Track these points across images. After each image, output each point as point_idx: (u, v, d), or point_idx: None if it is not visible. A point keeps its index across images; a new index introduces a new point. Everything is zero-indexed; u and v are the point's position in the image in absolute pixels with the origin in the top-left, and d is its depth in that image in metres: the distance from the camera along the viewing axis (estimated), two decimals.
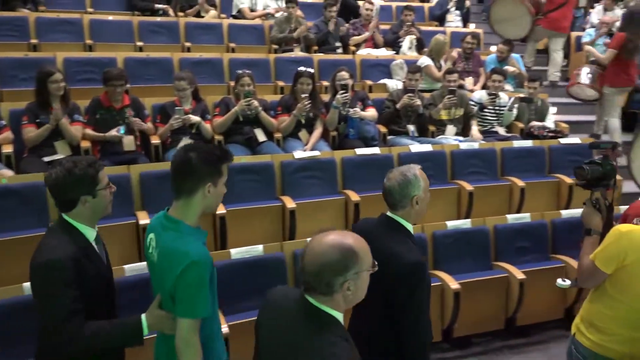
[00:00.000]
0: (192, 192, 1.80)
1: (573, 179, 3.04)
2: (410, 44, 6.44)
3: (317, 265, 1.39)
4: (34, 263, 1.76)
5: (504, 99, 5.23)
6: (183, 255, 1.70)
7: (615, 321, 2.04)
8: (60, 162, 1.84)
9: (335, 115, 4.57)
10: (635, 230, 2.00)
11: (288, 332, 1.45)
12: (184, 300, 1.71)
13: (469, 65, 5.95)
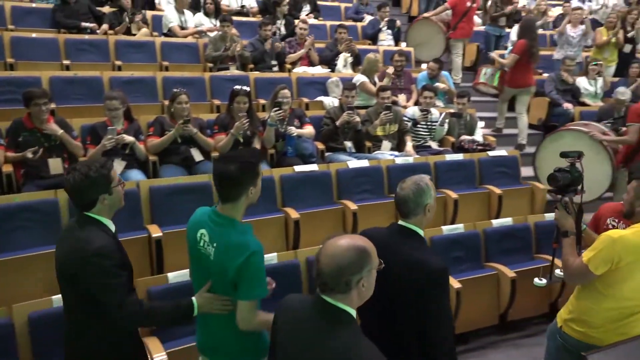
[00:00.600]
0: (238, 198, 2.02)
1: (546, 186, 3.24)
2: (345, 62, 6.59)
3: (335, 266, 1.52)
4: (81, 254, 1.94)
5: (435, 115, 5.44)
6: (244, 247, 1.94)
7: (601, 314, 2.29)
8: (74, 168, 2.04)
9: (272, 133, 4.57)
10: (626, 235, 2.23)
11: (307, 332, 1.57)
12: (245, 284, 1.94)
13: (401, 82, 6.15)
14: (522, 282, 3.75)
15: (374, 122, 5.07)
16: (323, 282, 1.54)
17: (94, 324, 2.03)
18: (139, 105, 4.88)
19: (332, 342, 1.49)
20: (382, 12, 7.56)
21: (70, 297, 2.08)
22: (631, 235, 2.24)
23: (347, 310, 1.55)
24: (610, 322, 2.28)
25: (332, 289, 1.54)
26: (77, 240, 1.99)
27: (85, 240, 1.96)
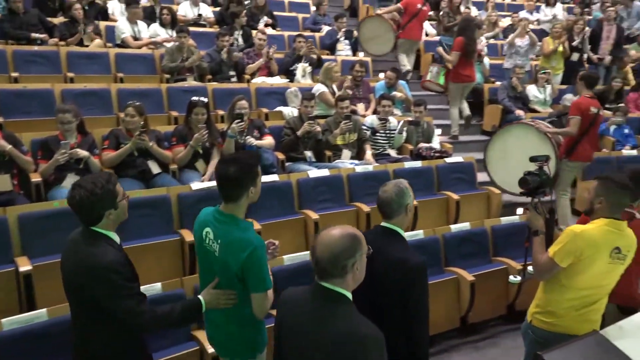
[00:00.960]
0: (239, 197, 2.17)
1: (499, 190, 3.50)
2: (304, 72, 6.62)
3: (332, 253, 1.69)
4: (92, 269, 1.99)
5: (393, 123, 5.53)
6: (247, 243, 2.09)
7: (565, 304, 2.51)
8: (79, 184, 2.05)
9: (232, 145, 4.54)
10: (588, 229, 2.45)
11: (311, 317, 1.73)
12: (254, 278, 2.10)
13: (360, 91, 6.23)
14: (480, 285, 3.86)
15: (333, 131, 5.11)
16: (322, 269, 1.71)
17: (99, 331, 2.09)
18: (93, 118, 4.75)
19: (335, 321, 1.67)
20: (340, 22, 7.66)
21: (77, 306, 2.14)
22: (592, 229, 2.45)
23: (344, 294, 1.72)
24: (574, 311, 2.49)
25: (330, 275, 1.71)
26: (87, 255, 2.03)
27: (96, 255, 2.02)
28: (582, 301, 2.49)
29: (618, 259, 2.45)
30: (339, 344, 1.63)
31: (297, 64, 6.61)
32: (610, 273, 2.48)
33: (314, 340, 1.70)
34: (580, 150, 4.96)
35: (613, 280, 2.53)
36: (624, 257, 2.47)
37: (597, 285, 2.48)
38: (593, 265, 2.42)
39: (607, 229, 2.45)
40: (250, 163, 2.22)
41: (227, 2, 7.67)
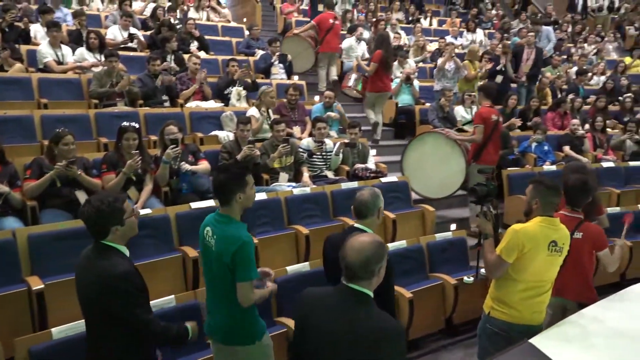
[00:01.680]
0: (229, 201, 2.50)
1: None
2: (239, 96, 6.60)
3: (363, 258, 1.90)
4: (106, 280, 2.14)
5: (329, 145, 5.60)
6: (237, 238, 2.41)
7: (517, 295, 2.82)
8: (89, 201, 2.25)
9: (167, 171, 4.43)
10: (527, 227, 2.82)
11: (338, 314, 1.92)
12: (241, 269, 2.40)
13: (295, 115, 6.28)
14: (418, 302, 3.93)
15: (270, 154, 5.11)
16: (352, 272, 1.92)
17: (111, 342, 2.22)
18: (15, 146, 4.51)
19: (366, 319, 1.88)
20: (273, 47, 7.72)
21: (91, 318, 2.29)
22: (530, 226, 2.82)
23: (368, 293, 1.94)
24: (525, 301, 2.82)
25: (359, 277, 1.91)
26: (99, 267, 2.19)
27: (108, 267, 2.17)
28: (532, 292, 2.82)
29: (555, 251, 2.80)
30: (372, 339, 1.85)
31: (232, 87, 6.58)
32: (550, 265, 2.83)
33: (346, 337, 1.88)
34: (486, 154, 5.47)
35: (554, 273, 2.87)
36: (561, 249, 2.82)
37: (541, 278, 2.82)
38: (536, 258, 2.75)
39: (543, 225, 2.81)
40: (238, 172, 2.53)
41: (157, 26, 7.56)
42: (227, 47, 8.48)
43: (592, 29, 12.56)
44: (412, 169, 5.75)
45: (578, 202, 3.28)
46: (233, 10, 10.65)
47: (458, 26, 11.02)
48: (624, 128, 7.42)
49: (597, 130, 7.28)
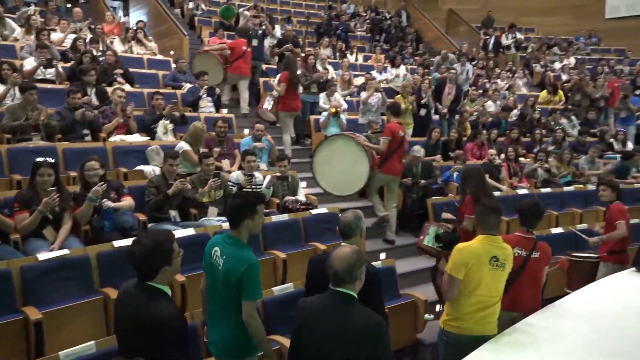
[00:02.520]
0: (239, 225, 2.78)
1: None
2: (166, 129, 6.47)
3: (347, 265, 2.31)
4: (155, 322, 2.20)
5: (259, 178, 5.59)
6: (246, 260, 2.68)
7: (467, 309, 3.08)
8: (139, 240, 2.31)
9: (90, 209, 4.23)
10: (469, 244, 3.14)
11: (330, 314, 2.31)
12: (247, 288, 2.64)
13: (224, 148, 6.23)
14: None
15: (199, 189, 5.01)
16: (338, 277, 2.32)
17: None
18: None
19: (353, 316, 2.28)
20: (201, 80, 7.67)
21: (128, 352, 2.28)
22: (472, 244, 3.14)
23: (353, 295, 2.35)
24: (475, 313, 3.08)
25: (345, 282, 2.32)
26: (149, 309, 2.23)
27: (153, 309, 2.23)
28: (481, 305, 3.08)
29: (497, 266, 3.09)
30: (360, 331, 2.25)
31: (158, 121, 6.45)
32: (495, 279, 3.10)
33: (338, 333, 2.26)
34: (390, 165, 5.98)
35: (500, 286, 3.14)
36: (503, 265, 3.10)
37: (489, 291, 3.08)
38: (480, 272, 3.04)
39: (484, 242, 3.12)
40: (252, 200, 2.83)
41: (78, 57, 7.31)
42: (153, 80, 8.32)
43: (503, 66, 13.54)
44: (320, 165, 6.15)
45: (531, 223, 3.63)
46: (160, 42, 10.51)
47: (383, 61, 11.50)
48: (535, 157, 7.97)
49: (512, 159, 7.78)
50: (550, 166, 7.90)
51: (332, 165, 6.09)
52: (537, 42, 15.50)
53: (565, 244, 5.50)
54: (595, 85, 11.32)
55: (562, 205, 7.20)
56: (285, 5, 15.98)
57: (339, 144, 6.14)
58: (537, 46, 14.96)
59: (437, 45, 15.16)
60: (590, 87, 11.25)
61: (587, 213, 6.96)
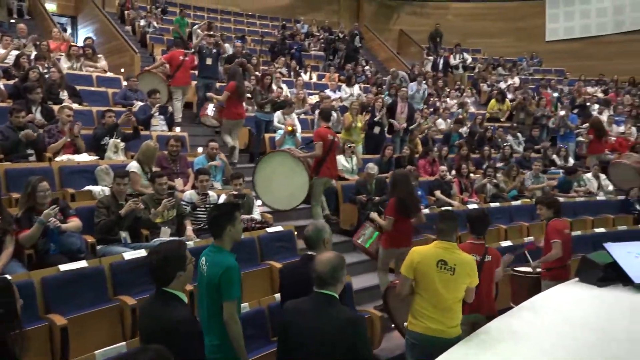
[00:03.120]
0: (221, 234, 2.98)
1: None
2: (116, 148, 6.31)
3: (330, 268, 2.54)
4: (164, 325, 2.34)
5: (213, 197, 5.52)
6: (224, 263, 2.87)
7: (427, 309, 3.30)
8: (156, 250, 2.52)
9: (39, 232, 4.05)
10: (421, 247, 3.48)
11: (314, 314, 2.51)
12: (226, 289, 2.83)
13: (177, 167, 6.13)
14: None
15: (151, 209, 4.90)
16: (322, 280, 2.54)
17: None
18: None
19: (336, 314, 2.51)
20: (153, 98, 7.55)
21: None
22: (423, 247, 3.45)
23: (335, 296, 2.57)
24: (429, 313, 3.29)
25: (328, 284, 2.54)
26: (163, 313, 2.40)
27: (168, 313, 2.40)
28: (433, 306, 3.28)
29: (445, 270, 3.28)
30: (342, 327, 2.47)
31: (109, 139, 6.28)
32: (445, 283, 3.27)
33: (322, 330, 2.46)
34: (325, 168, 6.26)
35: (455, 292, 3.29)
36: (452, 269, 3.28)
37: (439, 293, 3.27)
38: (428, 273, 3.28)
39: (435, 247, 3.39)
40: (229, 209, 3.06)
41: (22, 74, 7.05)
42: (102, 98, 8.12)
43: (452, 85, 14.03)
44: (262, 183, 6.39)
45: (480, 230, 3.93)
46: (110, 60, 10.29)
47: (336, 80, 11.68)
48: (484, 173, 8.24)
49: (463, 175, 8.02)
50: (499, 181, 8.19)
51: (272, 182, 6.38)
52: (484, 63, 16.16)
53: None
54: (538, 104, 11.88)
55: (511, 219, 7.46)
56: (239, 24, 16.04)
57: (275, 160, 6.48)
58: (483, 66, 15.59)
59: (390, 65, 15.54)
60: (533, 106, 11.79)
61: (534, 226, 7.23)
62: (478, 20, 19.58)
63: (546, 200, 5.03)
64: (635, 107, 13.09)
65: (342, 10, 20.21)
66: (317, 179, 6.25)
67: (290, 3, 19.50)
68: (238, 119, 7.82)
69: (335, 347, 2.44)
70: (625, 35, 17.59)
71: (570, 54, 18.32)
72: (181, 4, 15.31)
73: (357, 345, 2.47)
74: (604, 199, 8.71)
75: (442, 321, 3.28)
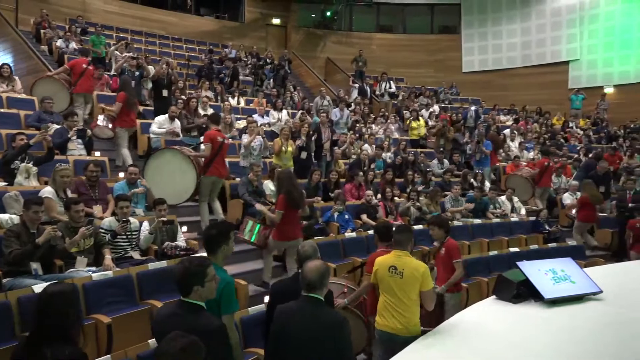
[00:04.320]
0: (215, 251, 3.20)
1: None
2: (28, 173, 5.92)
3: (319, 275, 2.93)
4: (202, 331, 2.52)
5: (135, 224, 5.30)
6: (223, 280, 3.01)
7: (381, 306, 3.85)
8: (182, 262, 2.81)
9: None
10: (380, 257, 4.02)
11: (304, 316, 2.87)
12: (225, 303, 3.06)
13: (96, 193, 5.84)
14: None
15: (66, 237, 4.61)
16: (311, 285, 2.91)
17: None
18: None
19: (323, 315, 2.89)
20: (70, 121, 7.19)
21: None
22: (384, 256, 3.96)
23: (322, 299, 2.94)
24: (385, 311, 3.80)
25: (316, 288, 2.91)
26: (187, 320, 2.60)
27: (199, 321, 2.63)
28: (388, 305, 3.79)
29: (396, 274, 3.80)
30: (329, 327, 2.84)
31: (20, 163, 5.88)
32: (397, 285, 3.77)
33: (312, 330, 2.83)
34: (213, 168, 6.53)
35: (407, 292, 3.75)
36: (401, 273, 3.78)
37: (392, 294, 3.78)
38: (384, 277, 3.84)
39: (391, 255, 3.94)
40: (224, 229, 3.27)
41: None
42: (13, 121, 7.62)
43: (377, 112, 14.51)
44: (151, 176, 6.49)
45: (385, 238, 4.53)
46: (24, 80, 9.71)
47: (265, 105, 11.72)
48: (407, 197, 8.53)
49: (388, 199, 8.25)
50: (422, 204, 8.50)
51: (162, 177, 6.53)
52: (407, 91, 16.88)
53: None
54: (456, 130, 12.53)
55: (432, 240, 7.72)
56: (164, 47, 15.75)
57: (166, 156, 6.65)
58: (406, 95, 16.28)
59: (317, 91, 15.85)
60: (452, 132, 12.42)
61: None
62: (401, 51, 20.56)
63: (437, 221, 5.21)
64: (541, 134, 14.18)
65: (269, 37, 20.50)
66: (205, 178, 6.49)
67: (218, 28, 19.51)
68: (131, 127, 8.11)
69: (324, 343, 2.81)
70: (533, 68, 19.15)
71: (485, 84, 19.64)
72: (103, 24, 14.85)
73: (341, 342, 2.85)
74: (517, 220, 9.28)
75: (395, 319, 3.74)
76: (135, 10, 17.68)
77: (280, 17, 20.72)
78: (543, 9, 19.09)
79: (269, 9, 20.41)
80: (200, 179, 6.50)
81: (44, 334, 2.67)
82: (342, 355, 2.87)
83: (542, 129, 14.98)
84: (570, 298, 4.08)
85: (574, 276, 4.27)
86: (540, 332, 3.52)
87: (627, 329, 3.62)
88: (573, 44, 18.38)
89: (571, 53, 18.42)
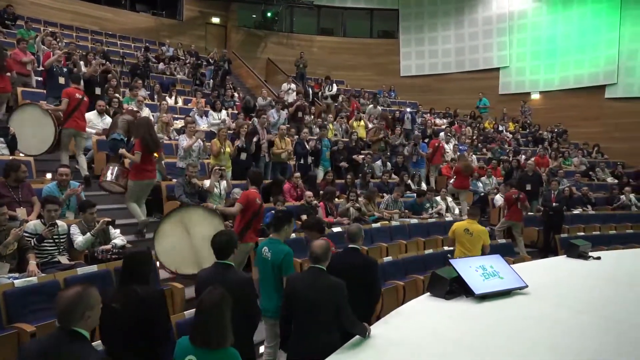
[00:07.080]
0: (279, 230, 4.29)
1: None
2: None
3: (324, 250, 3.63)
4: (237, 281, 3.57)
5: (62, 227, 5.04)
6: (285, 250, 4.17)
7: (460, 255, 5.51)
8: (220, 232, 3.81)
9: None
10: (457, 223, 6.44)
11: (311, 282, 3.54)
12: (286, 268, 4.10)
13: (19, 195, 5.50)
14: None
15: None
16: (317, 258, 3.59)
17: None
18: None
19: (327, 280, 3.53)
20: None
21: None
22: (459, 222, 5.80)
23: (324, 269, 3.62)
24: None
25: (321, 261, 3.60)
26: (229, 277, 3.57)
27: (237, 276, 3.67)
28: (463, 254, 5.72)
29: (469, 234, 6.11)
30: (331, 289, 3.46)
31: None
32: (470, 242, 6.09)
33: (316, 290, 3.46)
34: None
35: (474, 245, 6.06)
36: (472, 233, 6.13)
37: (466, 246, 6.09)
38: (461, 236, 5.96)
39: (465, 222, 6.28)
40: (288, 214, 4.49)
41: None
42: None
43: (318, 113, 14.59)
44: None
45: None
46: None
47: (204, 105, 11.49)
48: (347, 197, 8.64)
49: (328, 200, 8.31)
50: (361, 205, 8.63)
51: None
52: (347, 94, 17.10)
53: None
54: (393, 133, 12.82)
55: (372, 240, 7.87)
56: (97, 43, 15.11)
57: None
58: (346, 97, 16.49)
59: (258, 92, 15.74)
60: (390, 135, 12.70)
61: (392, 247, 7.72)
62: (341, 54, 20.84)
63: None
64: (474, 137, 14.79)
65: (209, 36, 20.18)
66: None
67: (155, 26, 18.98)
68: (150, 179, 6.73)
69: (326, 302, 3.42)
70: (467, 74, 19.97)
71: (422, 88, 20.27)
72: (29, 17, 14.05)
73: (341, 301, 3.42)
74: (452, 220, 9.62)
75: None
76: (66, 4, 16.88)
77: (220, 17, 20.45)
78: (475, 17, 19.96)
79: (208, 8, 20.09)
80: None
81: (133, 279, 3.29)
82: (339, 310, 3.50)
83: (474, 132, 15.62)
84: (499, 293, 4.29)
85: (502, 272, 4.49)
86: (471, 326, 3.67)
87: (549, 319, 3.85)
88: (503, 51, 19.34)
89: (501, 60, 19.37)
